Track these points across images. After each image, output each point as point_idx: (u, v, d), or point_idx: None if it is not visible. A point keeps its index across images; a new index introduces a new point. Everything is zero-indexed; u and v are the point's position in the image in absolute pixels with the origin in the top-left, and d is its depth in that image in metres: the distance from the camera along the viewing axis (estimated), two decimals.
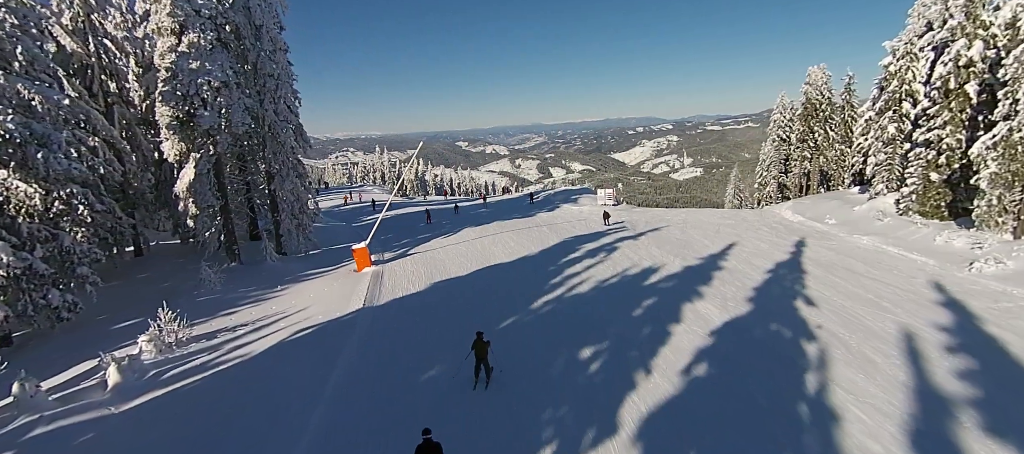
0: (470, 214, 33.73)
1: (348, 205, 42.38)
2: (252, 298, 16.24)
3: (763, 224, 28.58)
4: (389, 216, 33.72)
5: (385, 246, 23.78)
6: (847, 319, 12.67)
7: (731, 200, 74.53)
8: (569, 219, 30.75)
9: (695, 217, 31.64)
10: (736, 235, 24.67)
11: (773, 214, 33.02)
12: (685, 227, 27.49)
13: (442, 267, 19.30)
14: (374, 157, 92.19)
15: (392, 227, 29.48)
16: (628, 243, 22.76)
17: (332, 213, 36.60)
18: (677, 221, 29.93)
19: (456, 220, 30.73)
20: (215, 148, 18.19)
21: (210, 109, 17.66)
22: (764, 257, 19.76)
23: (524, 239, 23.86)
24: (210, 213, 18.46)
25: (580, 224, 28.35)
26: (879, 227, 23.76)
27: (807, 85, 47.08)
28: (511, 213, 33.57)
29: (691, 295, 14.77)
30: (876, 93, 30.14)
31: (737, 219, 30.60)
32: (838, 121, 47.11)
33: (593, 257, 19.97)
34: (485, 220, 30.15)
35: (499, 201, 43.96)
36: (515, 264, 19.40)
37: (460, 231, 26.66)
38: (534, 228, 27.11)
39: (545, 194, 44.82)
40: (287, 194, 20.47)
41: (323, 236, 26.00)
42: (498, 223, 28.81)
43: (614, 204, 37.92)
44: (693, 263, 18.91)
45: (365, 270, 19.28)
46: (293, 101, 20.95)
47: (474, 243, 23.47)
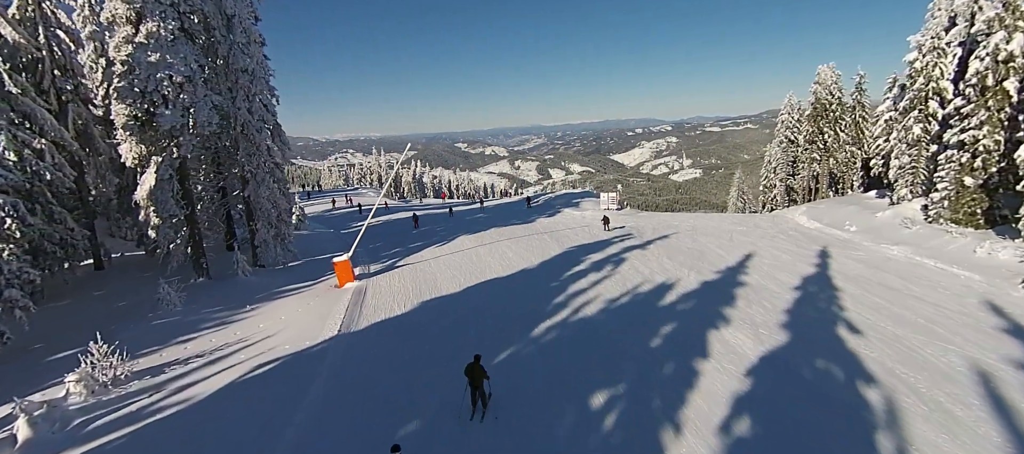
0: (466, 220, 31.74)
1: (337, 209, 40.36)
2: (216, 320, 14.23)
3: (778, 231, 26.63)
4: (381, 222, 31.73)
5: (373, 256, 21.78)
6: (904, 353, 10.69)
7: (735, 202, 72.70)
8: (571, 226, 28.77)
9: (704, 223, 29.68)
10: (752, 244, 22.71)
11: (787, 220, 31.07)
12: (696, 234, 25.52)
13: (432, 282, 17.30)
14: (371, 159, 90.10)
15: (383, 234, 27.48)
16: (636, 253, 20.78)
17: (321, 218, 34.57)
18: (686, 227, 27.95)
19: (451, 227, 28.74)
20: (179, 151, 16.19)
21: (172, 107, 15.66)
22: (787, 270, 17.79)
23: (523, 249, 21.87)
24: (173, 223, 16.45)
25: (583, 231, 26.37)
26: (908, 236, 21.80)
27: (816, 84, 45.23)
28: (509, 218, 31.58)
29: (715, 319, 12.79)
30: (897, 92, 28.21)
31: (749, 225, 28.63)
32: (848, 121, 45.27)
33: (599, 270, 17.98)
34: (482, 226, 28.17)
35: (497, 205, 41.94)
36: (513, 279, 17.41)
37: (454, 239, 24.66)
38: (534, 236, 25.11)
39: (545, 198, 42.81)
40: (263, 201, 18.46)
41: (307, 245, 24.00)
42: (495, 230, 26.82)
43: (617, 208, 35.97)
44: (711, 278, 16.93)
45: (347, 285, 17.29)
46: (270, 99, 18.94)
47: (469, 253, 21.47)
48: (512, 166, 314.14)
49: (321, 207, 42.35)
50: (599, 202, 36.60)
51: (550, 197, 42.01)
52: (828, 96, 44.83)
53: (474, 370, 8.68)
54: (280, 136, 19.58)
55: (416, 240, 24.92)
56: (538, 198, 43.33)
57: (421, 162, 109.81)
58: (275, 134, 19.19)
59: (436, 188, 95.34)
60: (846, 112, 45.15)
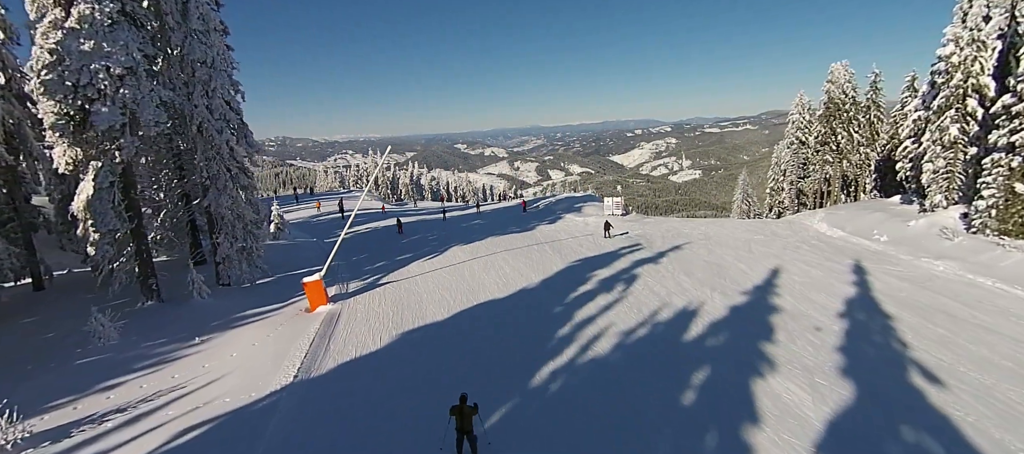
0: (460, 227, 29.34)
1: (323, 214, 37.89)
2: (155, 358, 11.83)
3: (799, 240, 24.27)
4: (369, 229, 29.34)
5: (354, 271, 19.37)
6: (1006, 413, 8.33)
7: (740, 205, 70.40)
8: (574, 234, 26.39)
9: (717, 231, 27.32)
10: (774, 256, 20.36)
11: (805, 227, 28.71)
12: (710, 244, 23.16)
13: (417, 305, 14.90)
14: (368, 160, 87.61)
15: (369, 244, 25.07)
16: (649, 269, 18.40)
17: (305, 225, 32.15)
18: (698, 236, 25.58)
19: (444, 235, 26.33)
20: (121, 154, 13.79)
21: (109, 104, 13.25)
22: (823, 290, 15.44)
23: (522, 262, 19.48)
24: (115, 239, 14.04)
25: (587, 241, 23.98)
26: (951, 249, 19.44)
27: (829, 83, 42.94)
28: (507, 226, 29.19)
29: (756, 360, 10.43)
30: (927, 89, 25.85)
31: (767, 234, 26.27)
32: (863, 122, 42.99)
33: (609, 291, 15.59)
34: (477, 235, 25.78)
35: (494, 210, 39.51)
36: (510, 302, 15.01)
37: (447, 250, 22.27)
38: (534, 247, 22.72)
39: (545, 202, 40.36)
40: (224, 211, 16.06)
41: (284, 257, 21.58)
42: (491, 240, 24.43)
43: (622, 213, 33.62)
44: (738, 300, 14.56)
45: (319, 309, 14.89)
46: (233, 95, 16.54)
47: (461, 268, 19.07)
48: (512, 167, 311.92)
49: (309, 212, 39.92)
50: (603, 207, 34.25)
51: (551, 201, 39.58)
52: (841, 95, 42.57)
53: (462, 412, 7.49)
54: (246, 137, 17.16)
55: (405, 251, 22.51)
56: (537, 202, 40.89)
57: (418, 164, 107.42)
58: (240, 135, 16.78)
59: (434, 190, 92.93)
60: (860, 112, 42.91)
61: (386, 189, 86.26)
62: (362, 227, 29.81)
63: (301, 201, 46.68)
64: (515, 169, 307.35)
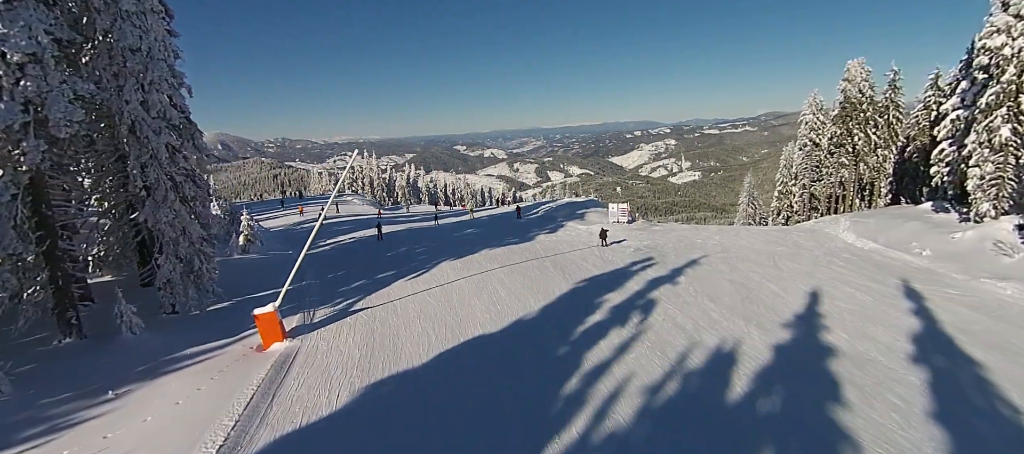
0: (452, 237, 26.66)
1: (307, 220, 35.22)
2: (46, 423, 9.12)
3: (827, 253, 21.62)
4: (353, 240, 26.66)
5: (327, 293, 16.67)
6: None
7: (745, 208, 67.80)
8: (577, 245, 23.72)
9: (734, 241, 24.67)
10: (806, 274, 17.71)
11: (829, 236, 26.05)
12: (730, 258, 20.51)
13: (392, 342, 12.20)
14: (364, 161, 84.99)
15: (351, 257, 22.39)
16: (667, 291, 15.73)
17: (286, 234, 29.46)
18: (714, 247, 22.93)
19: (433, 247, 23.64)
20: (25, 161, 11.11)
21: (7, 99, 10.59)
22: (879, 321, 12.78)
23: (519, 283, 16.78)
24: (17, 266, 11.36)
25: (592, 255, 21.30)
26: (1012, 268, 16.78)
27: (845, 81, 40.40)
28: (504, 235, 26.52)
29: (833, 439, 7.70)
30: (966, 86, 23.21)
31: (789, 245, 23.62)
32: (881, 123, 40.38)
33: (623, 323, 12.92)
34: (469, 247, 23.09)
35: (491, 216, 36.77)
36: (505, 339, 12.32)
37: (435, 266, 19.57)
38: (533, 262, 20.04)
39: (545, 208, 37.62)
40: (163, 227, 13.36)
41: (249, 276, 18.89)
42: (486, 253, 21.75)
43: (628, 221, 30.98)
44: (781, 337, 11.88)
45: (274, 347, 12.20)
46: (177, 89, 13.84)
47: (450, 290, 16.39)
48: (511, 169, 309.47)
49: (294, 217, 37.25)
50: (607, 214, 31.59)
51: (551, 207, 36.84)
52: (858, 95, 40.01)
53: None
54: (194, 139, 14.44)
55: (388, 267, 19.82)
56: (536, 208, 38.16)
57: (416, 166, 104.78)
58: (186, 136, 14.07)
59: (431, 192, 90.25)
60: (878, 112, 40.33)
61: (382, 192, 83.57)
62: (346, 237, 27.14)
63: (287, 206, 44.02)
64: (514, 170, 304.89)
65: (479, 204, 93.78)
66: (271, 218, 36.80)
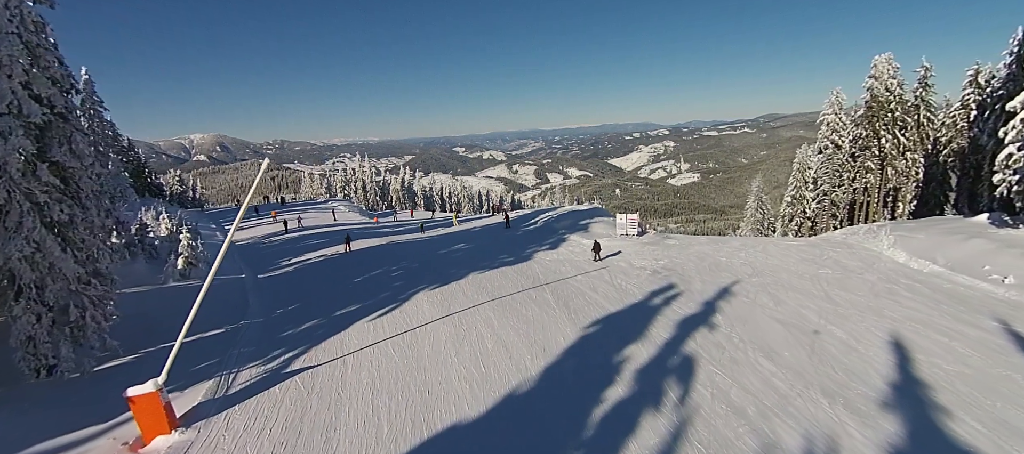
0: (437, 254, 22.79)
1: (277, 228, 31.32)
2: None
3: (882, 278, 17.81)
4: (322, 257, 22.81)
5: (265, 339, 12.80)
6: None
7: (754, 213, 64.09)
8: (583, 266, 19.90)
9: (763, 260, 20.88)
10: (871, 309, 13.91)
11: (871, 253, 22.26)
12: (768, 284, 16.72)
13: (324, 437, 8.37)
14: (356, 164, 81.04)
15: (314, 281, 18.57)
16: (704, 341, 11.91)
17: (253, 249, 25.62)
18: (743, 268, 19.15)
19: (413, 270, 19.75)
20: None
21: None
22: (1010, 397, 9.00)
23: (512, 329, 12.94)
24: None
25: (603, 283, 17.46)
26: None
27: (871, 79, 36.62)
28: (497, 253, 22.69)
29: None
30: None
31: (830, 265, 19.84)
32: (910, 124, 36.65)
33: (657, 399, 9.08)
34: (455, 270, 19.26)
35: (484, 227, 32.87)
36: (489, 429, 8.48)
37: (409, 299, 15.72)
38: (531, 293, 16.20)
39: (545, 218, 33.66)
40: (18, 264, 9.51)
41: (179, 310, 15.04)
42: (474, 279, 17.92)
43: (638, 233, 27.19)
44: (890, 431, 8.07)
45: (156, 444, 8.38)
46: (39, 74, 9.99)
47: (421, 337, 12.55)
48: (510, 170, 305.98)
49: (271, 227, 33.37)
50: (615, 226, 27.78)
51: (551, 217, 32.92)
52: (886, 93, 36.25)
53: None
54: (70, 140, 10.57)
55: (352, 299, 15.96)
56: (534, 218, 34.25)
57: (411, 169, 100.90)
58: (49, 138, 10.20)
59: (427, 196, 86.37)
60: (908, 112, 36.60)
61: (375, 196, 79.71)
62: (314, 255, 23.25)
63: (262, 213, 40.16)
64: (513, 172, 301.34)
65: (476, 208, 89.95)
66: (239, 229, 32.95)
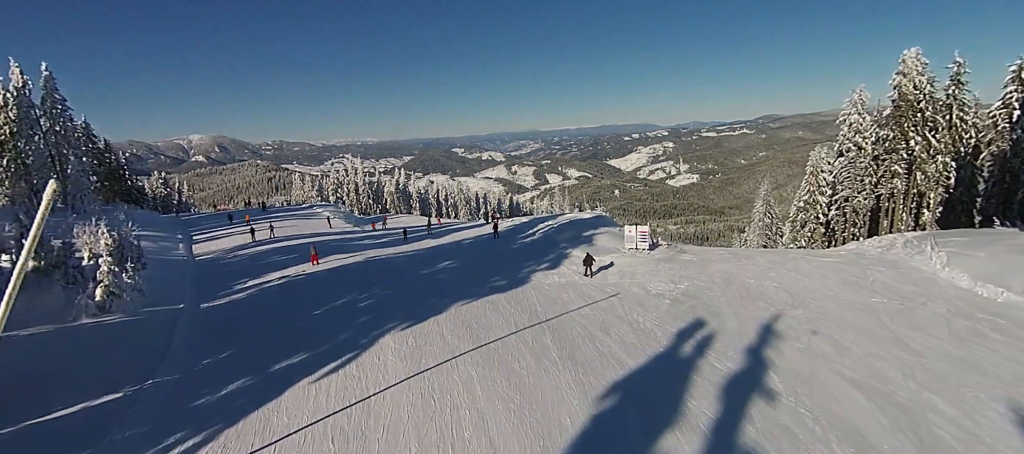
0: (418, 275, 19.36)
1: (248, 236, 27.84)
2: None
3: (953, 310, 14.43)
4: (286, 279, 19.40)
5: (168, 410, 9.40)
6: None
7: (762, 218, 60.73)
8: (590, 295, 16.49)
9: (801, 282, 17.52)
10: (969, 363, 10.53)
11: (921, 273, 18.89)
12: (819, 321, 13.35)
13: None
14: (345, 165, 77.54)
15: (264, 315, 15.16)
16: (763, 419, 8.52)
17: (211, 266, 22.19)
18: (776, 293, 15.79)
19: (385, 299, 16.31)
20: None
21: None
22: None
23: (499, 395, 9.54)
24: None
25: (615, 319, 14.05)
26: None
27: (899, 75, 33.28)
28: (487, 274, 19.29)
29: None
30: None
31: (881, 289, 16.49)
32: (942, 124, 33.32)
33: None
34: (434, 300, 15.84)
35: (476, 239, 29.40)
36: None
37: (372, 344, 12.33)
38: (525, 335, 12.80)
39: (544, 228, 30.15)
40: None
41: (71, 359, 11.61)
42: (456, 311, 14.53)
43: (649, 247, 23.81)
44: None
45: None
46: None
47: (374, 412, 9.15)
48: (509, 171, 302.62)
49: (240, 238, 29.92)
50: (623, 239, 24.40)
51: (550, 228, 29.42)
52: (915, 91, 32.93)
53: None
54: None
55: (300, 344, 12.55)
56: (533, 228, 30.80)
57: (406, 171, 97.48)
58: None
59: (422, 197, 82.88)
60: (939, 112, 33.27)
61: (367, 199, 76.25)
62: (275, 276, 19.76)
63: (236, 221, 36.68)
64: (512, 173, 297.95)
65: (474, 210, 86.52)
66: (209, 239, 29.54)
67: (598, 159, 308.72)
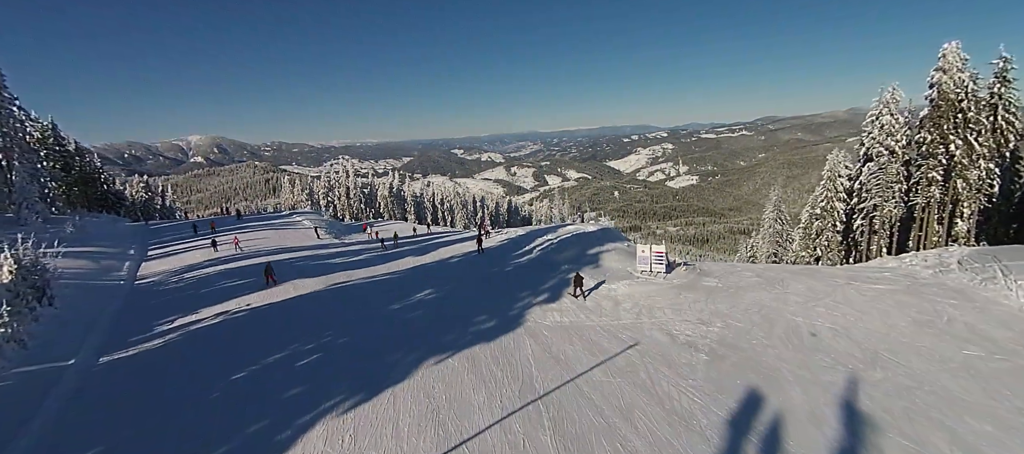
0: (383, 314, 15.54)
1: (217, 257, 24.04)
2: None
3: None
4: (224, 318, 15.59)
5: None
6: None
7: (772, 225, 56.94)
8: (604, 346, 12.70)
9: (859, 324, 13.73)
10: None
11: (1003, 307, 15.17)
12: (912, 392, 9.54)
13: None
14: (333, 168, 73.65)
15: (175, 376, 11.36)
16: None
17: (151, 294, 18.36)
18: (836, 341, 12.00)
19: (335, 354, 12.48)
20: None
21: None
22: None
23: None
24: None
25: (642, 397, 10.26)
26: None
27: (939, 72, 29.57)
28: (473, 310, 15.48)
29: None
30: None
31: (969, 334, 12.69)
32: (986, 126, 29.61)
33: None
34: (397, 359, 12.05)
35: (462, 259, 25.50)
36: None
37: (297, 439, 8.58)
38: (515, 423, 8.97)
39: (541, 244, 26.25)
40: None
41: None
42: (424, 375, 10.76)
43: (665, 268, 20.03)
44: None
45: None
46: None
47: None
48: (508, 173, 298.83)
49: (199, 254, 26.08)
50: (636, 259, 20.59)
51: (549, 244, 25.45)
52: (956, 89, 29.26)
53: None
54: None
55: (197, 435, 8.79)
56: (530, 243, 26.93)
57: (400, 174, 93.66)
58: None
59: (417, 201, 79.08)
60: (982, 112, 29.55)
61: (359, 204, 72.42)
62: (214, 311, 15.89)
63: (201, 231, 32.86)
64: (512, 175, 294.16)
65: (470, 215, 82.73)
66: (164, 254, 25.73)
67: (597, 160, 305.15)
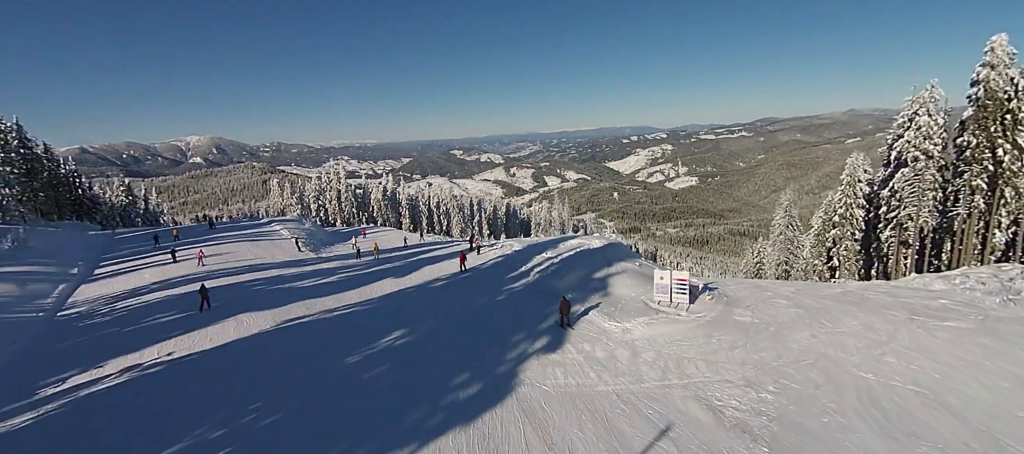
0: (338, 367, 12.06)
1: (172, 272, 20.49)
2: None
3: None
4: (139, 369, 12.12)
5: None
6: None
7: (784, 231, 53.42)
8: (623, 429, 9.24)
9: (952, 382, 10.27)
10: None
11: None
12: None
13: None
14: (326, 170, 70.15)
15: None
16: None
17: (72, 327, 14.89)
18: (929, 414, 8.51)
19: (259, 433, 9.09)
20: None
21: None
22: None
23: None
24: None
25: None
26: None
27: (986, 68, 26.07)
28: (453, 363, 12.02)
29: None
30: None
31: None
32: None
33: None
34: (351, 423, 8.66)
35: (449, 281, 21.91)
36: None
37: None
38: None
39: (540, 263, 22.64)
40: None
41: None
42: None
43: (689, 298, 16.54)
44: None
45: None
46: None
47: None
48: (507, 173, 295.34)
49: (163, 272, 22.53)
50: (653, 287, 17.11)
51: (550, 264, 21.88)
52: (1006, 87, 25.87)
53: None
54: None
55: None
56: (528, 261, 23.40)
57: (395, 176, 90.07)
58: None
59: (412, 204, 75.59)
60: None
61: (351, 208, 68.91)
62: (125, 362, 12.43)
63: (163, 242, 29.34)
64: (511, 175, 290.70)
65: (467, 217, 79.29)
66: (114, 272, 22.21)
67: (596, 161, 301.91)
